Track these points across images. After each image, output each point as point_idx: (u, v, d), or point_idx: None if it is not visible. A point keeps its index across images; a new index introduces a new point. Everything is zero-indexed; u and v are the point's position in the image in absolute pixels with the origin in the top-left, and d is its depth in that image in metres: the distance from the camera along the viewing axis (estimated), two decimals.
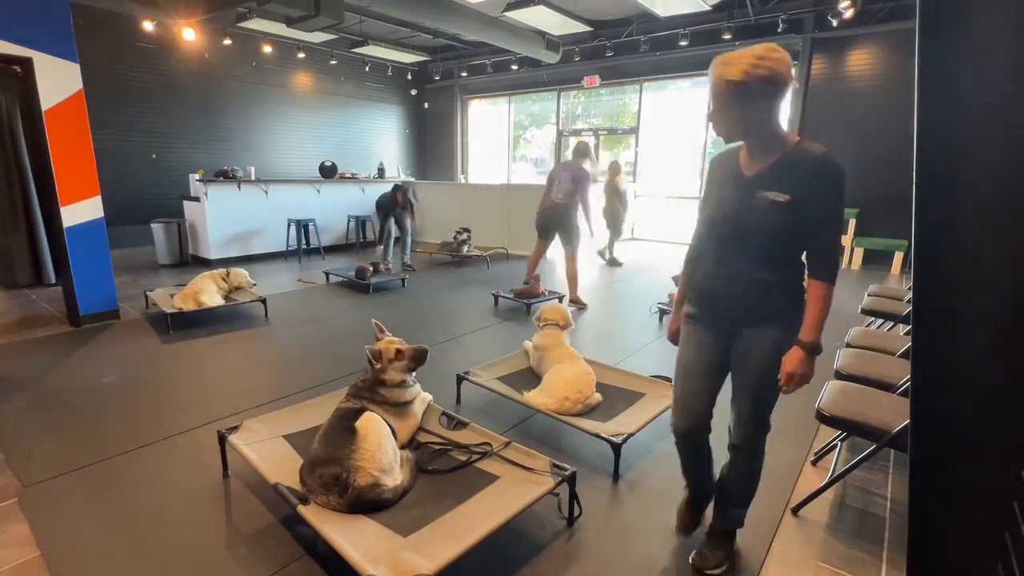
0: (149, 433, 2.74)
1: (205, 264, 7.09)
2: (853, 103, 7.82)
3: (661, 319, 4.92)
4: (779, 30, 7.92)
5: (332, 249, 8.72)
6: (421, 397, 2.50)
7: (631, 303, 5.63)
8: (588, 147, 5.27)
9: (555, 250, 8.49)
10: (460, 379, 3.10)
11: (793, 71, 1.66)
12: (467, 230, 7.83)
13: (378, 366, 2.31)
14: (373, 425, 2.00)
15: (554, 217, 5.22)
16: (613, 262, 8.03)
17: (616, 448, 2.34)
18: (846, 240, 7.86)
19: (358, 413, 2.10)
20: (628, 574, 1.84)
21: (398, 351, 2.35)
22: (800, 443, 2.73)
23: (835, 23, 7.36)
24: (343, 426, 2.01)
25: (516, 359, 3.35)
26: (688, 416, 1.80)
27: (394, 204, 7.20)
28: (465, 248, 7.63)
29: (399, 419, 2.31)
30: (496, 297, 5.48)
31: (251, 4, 7.03)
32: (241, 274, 5.04)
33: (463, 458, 2.18)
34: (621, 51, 9.60)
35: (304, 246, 8.05)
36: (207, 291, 4.67)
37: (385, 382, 2.31)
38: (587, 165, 5.17)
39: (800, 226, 1.52)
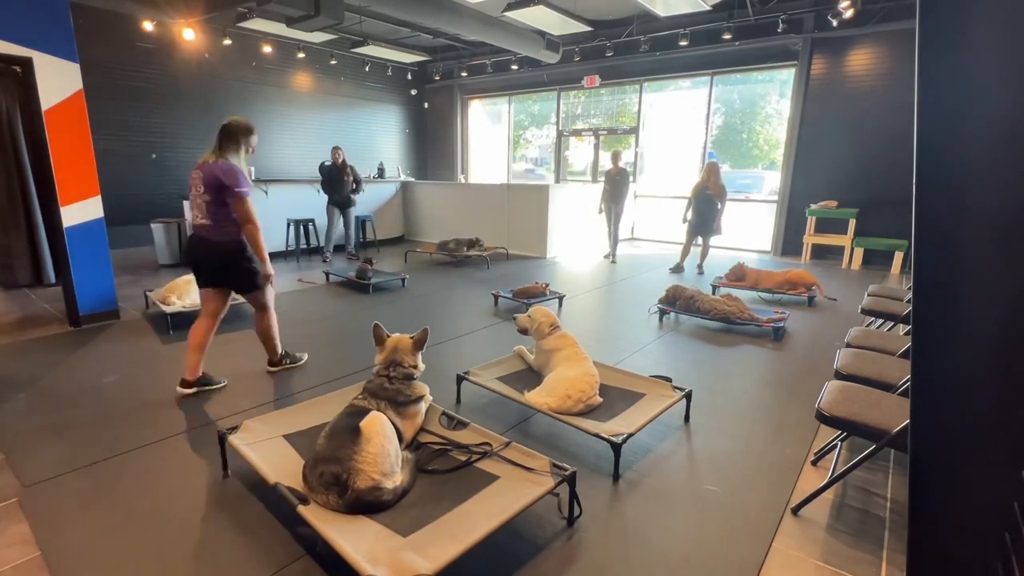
0: (149, 433, 2.74)
1: None
2: (853, 103, 7.81)
3: (661, 319, 4.92)
4: (779, 30, 7.92)
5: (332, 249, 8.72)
6: (426, 396, 2.51)
7: (631, 303, 5.63)
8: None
9: (556, 249, 8.55)
10: (460, 379, 3.10)
11: None
12: (478, 242, 7.79)
13: (410, 361, 2.47)
14: (377, 427, 2.00)
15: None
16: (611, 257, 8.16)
17: (616, 448, 2.34)
18: (846, 240, 7.86)
19: (365, 413, 2.11)
20: (628, 574, 1.84)
21: (412, 337, 2.53)
22: (800, 443, 2.73)
23: (835, 23, 7.36)
24: (349, 425, 2.01)
25: (516, 359, 3.35)
26: None
27: (341, 183, 7.65)
28: (466, 249, 7.62)
29: (406, 419, 2.33)
30: (496, 297, 5.48)
31: (251, 4, 7.03)
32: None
33: (463, 458, 2.18)
34: (621, 51, 9.60)
35: (304, 246, 8.05)
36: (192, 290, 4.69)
37: (404, 365, 2.44)
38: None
39: None
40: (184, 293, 4.70)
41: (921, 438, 1.22)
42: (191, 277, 4.73)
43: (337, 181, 7.70)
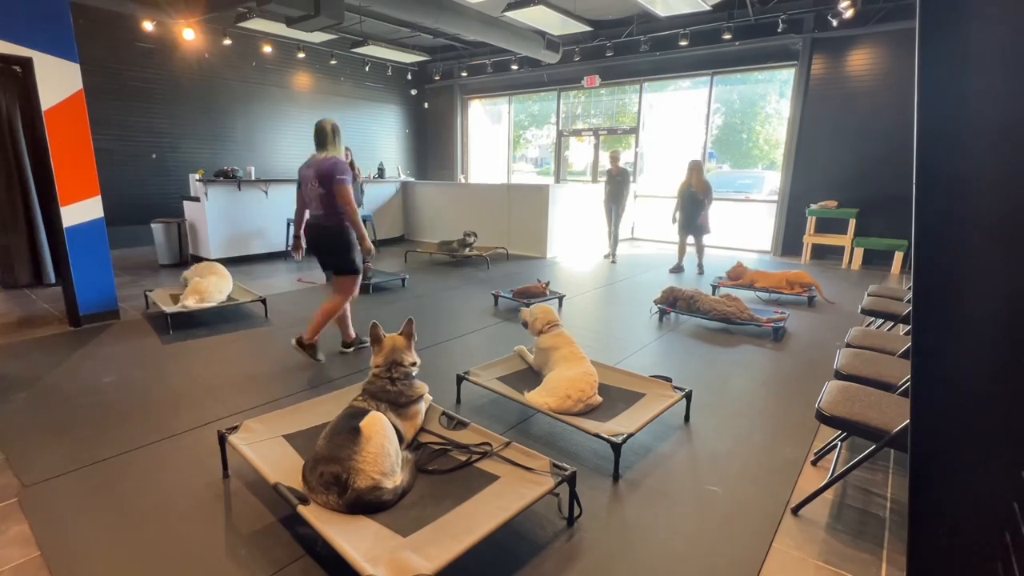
0: (149, 433, 2.74)
1: None
2: (853, 103, 7.81)
3: (661, 319, 4.92)
4: (779, 30, 7.92)
5: None
6: (425, 396, 2.51)
7: (631, 303, 5.63)
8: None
9: (556, 249, 8.55)
10: (460, 379, 3.10)
11: None
12: (474, 234, 7.79)
13: (410, 359, 2.48)
14: (377, 427, 2.00)
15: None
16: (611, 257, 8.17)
17: (616, 448, 2.34)
18: (846, 240, 7.86)
19: (365, 413, 2.10)
20: (628, 574, 1.84)
21: (401, 334, 2.55)
22: (800, 443, 2.73)
23: (835, 23, 7.36)
24: (348, 426, 2.01)
25: (516, 359, 3.35)
26: None
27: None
28: (466, 249, 7.62)
29: (406, 420, 2.33)
30: (496, 297, 5.48)
31: (251, 4, 7.03)
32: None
33: (463, 458, 2.18)
34: (621, 51, 9.60)
35: (304, 246, 8.03)
36: (209, 288, 4.69)
37: (405, 364, 2.44)
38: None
39: None
40: (206, 296, 4.64)
41: (921, 438, 1.22)
42: (209, 280, 4.76)
43: None
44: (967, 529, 1.23)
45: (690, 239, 7.26)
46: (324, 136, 3.61)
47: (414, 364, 2.49)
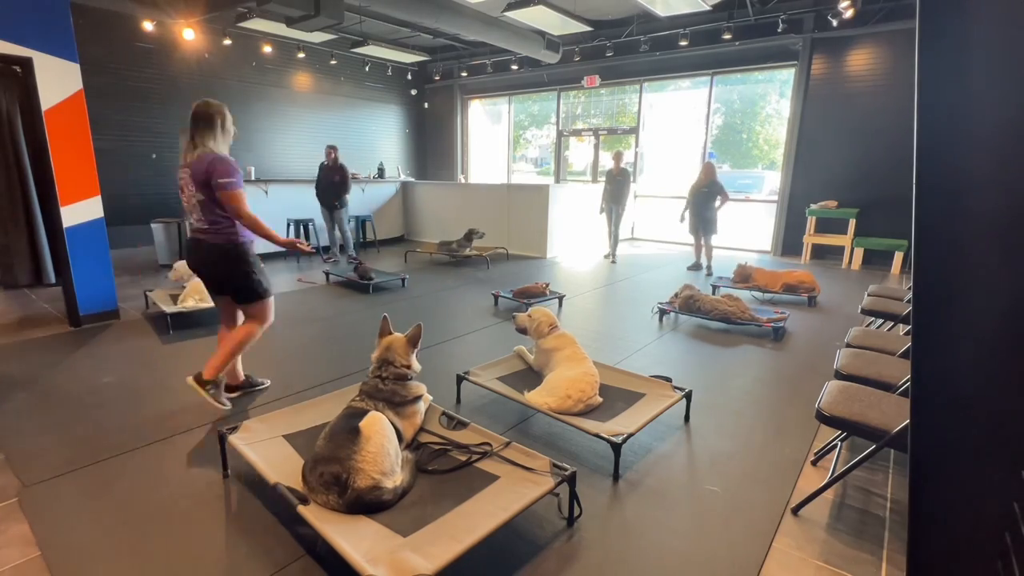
0: (149, 433, 2.74)
1: None
2: (853, 103, 7.81)
3: (661, 319, 4.92)
4: (779, 30, 7.92)
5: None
6: (425, 396, 2.50)
7: (631, 303, 5.63)
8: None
9: (556, 249, 8.55)
10: (460, 379, 3.10)
11: None
12: (480, 233, 7.77)
13: (401, 361, 2.43)
14: (377, 426, 2.00)
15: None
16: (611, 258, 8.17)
17: (616, 448, 2.34)
18: (846, 240, 7.86)
19: (364, 414, 2.10)
20: (628, 574, 1.84)
21: (406, 336, 2.50)
22: (800, 443, 2.73)
23: (835, 23, 7.36)
24: (348, 426, 2.01)
25: (516, 359, 3.35)
26: None
27: (331, 184, 7.54)
28: (470, 246, 7.61)
29: (405, 419, 2.33)
30: (496, 297, 5.48)
31: (251, 4, 7.03)
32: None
33: (463, 458, 2.18)
34: (621, 51, 9.60)
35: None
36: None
37: (396, 364, 2.40)
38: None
39: None
40: (207, 296, 4.62)
41: (921, 438, 1.22)
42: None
43: (324, 181, 7.61)
44: (967, 529, 1.23)
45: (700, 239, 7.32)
46: (203, 123, 2.69)
47: (408, 367, 2.42)
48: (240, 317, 3.05)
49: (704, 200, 7.02)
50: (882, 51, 7.52)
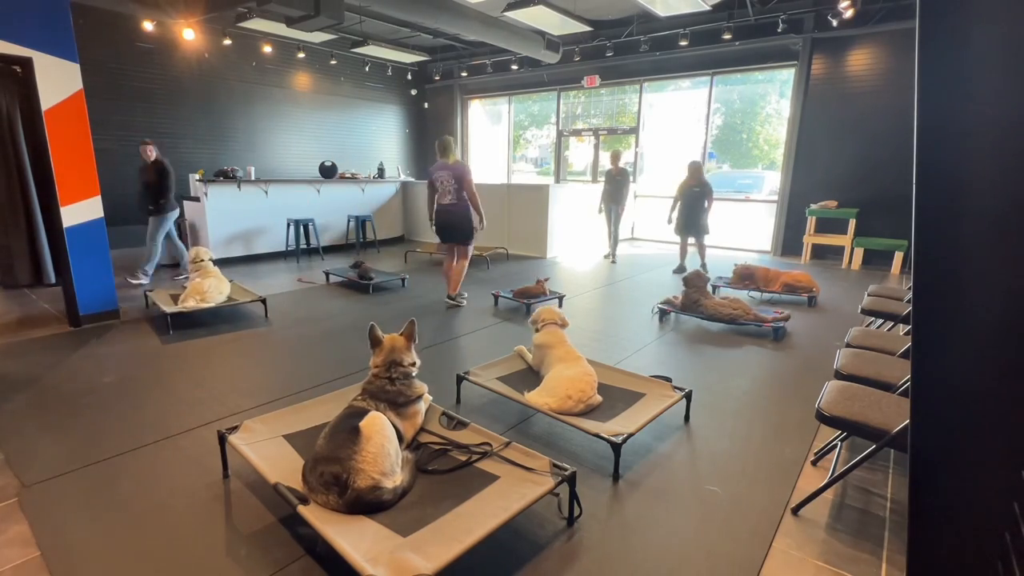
0: (149, 433, 2.74)
1: None
2: (853, 103, 7.81)
3: (661, 319, 4.92)
4: (779, 30, 7.92)
5: (331, 249, 8.72)
6: (425, 396, 2.51)
7: (631, 303, 5.63)
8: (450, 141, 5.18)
9: (556, 249, 8.55)
10: (460, 379, 3.10)
11: None
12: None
13: (409, 359, 2.47)
14: (377, 426, 2.00)
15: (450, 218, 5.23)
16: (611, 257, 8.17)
17: (616, 448, 2.34)
18: (846, 240, 7.86)
19: (364, 413, 2.10)
20: (628, 574, 1.84)
21: (402, 335, 2.53)
22: (800, 443, 2.73)
23: (835, 23, 7.36)
24: (348, 425, 2.01)
25: (516, 359, 3.35)
26: None
27: (144, 186, 6.09)
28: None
29: (406, 419, 2.33)
30: (496, 297, 5.48)
31: (251, 4, 7.02)
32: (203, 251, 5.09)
33: (463, 458, 2.18)
34: (621, 51, 9.60)
35: (304, 246, 8.05)
36: (210, 289, 4.69)
37: (404, 364, 2.43)
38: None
39: None
40: (206, 296, 4.64)
41: (921, 438, 1.22)
42: (209, 281, 4.75)
43: (139, 183, 6.31)
44: (967, 529, 1.23)
45: (690, 240, 7.26)
46: (447, 146, 5.05)
47: (413, 364, 2.48)
48: (455, 256, 5.31)
49: (695, 200, 6.96)
50: (882, 51, 7.52)
